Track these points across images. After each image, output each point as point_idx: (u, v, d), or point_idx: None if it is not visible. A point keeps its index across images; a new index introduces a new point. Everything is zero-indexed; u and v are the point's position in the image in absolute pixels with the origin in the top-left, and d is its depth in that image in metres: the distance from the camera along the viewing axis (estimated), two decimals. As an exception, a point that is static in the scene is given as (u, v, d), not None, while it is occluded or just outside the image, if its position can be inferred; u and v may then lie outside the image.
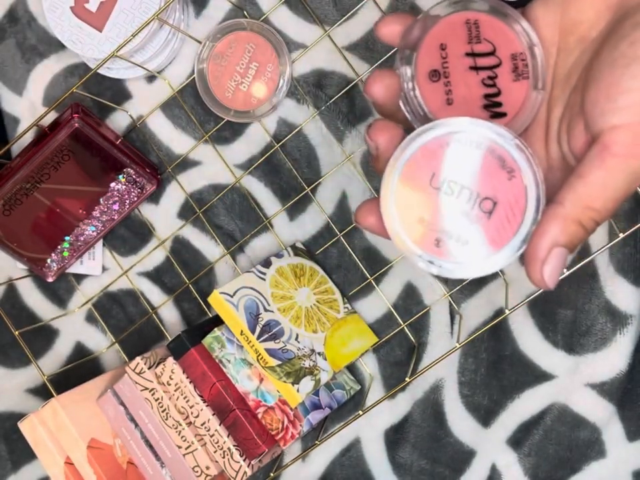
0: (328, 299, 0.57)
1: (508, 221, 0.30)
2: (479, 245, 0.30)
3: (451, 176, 0.31)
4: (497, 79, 0.32)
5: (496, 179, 0.30)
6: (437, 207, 0.31)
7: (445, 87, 0.33)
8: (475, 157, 0.30)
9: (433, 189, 0.31)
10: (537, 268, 0.29)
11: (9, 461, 0.65)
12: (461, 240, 0.31)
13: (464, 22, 0.32)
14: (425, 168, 0.31)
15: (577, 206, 0.29)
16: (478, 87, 0.32)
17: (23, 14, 0.61)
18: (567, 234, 0.29)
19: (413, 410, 0.58)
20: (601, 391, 0.54)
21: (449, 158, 0.30)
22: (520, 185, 0.30)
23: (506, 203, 0.30)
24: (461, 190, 0.30)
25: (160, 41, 0.56)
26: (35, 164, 0.56)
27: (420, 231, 0.31)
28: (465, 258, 0.31)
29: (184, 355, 0.52)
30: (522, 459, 0.56)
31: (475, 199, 0.30)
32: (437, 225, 0.31)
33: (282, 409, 0.52)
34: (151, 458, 0.54)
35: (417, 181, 0.31)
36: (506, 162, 0.30)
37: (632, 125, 0.28)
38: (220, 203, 0.60)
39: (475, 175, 0.30)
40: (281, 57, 0.56)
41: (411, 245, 0.31)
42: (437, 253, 0.31)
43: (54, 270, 0.61)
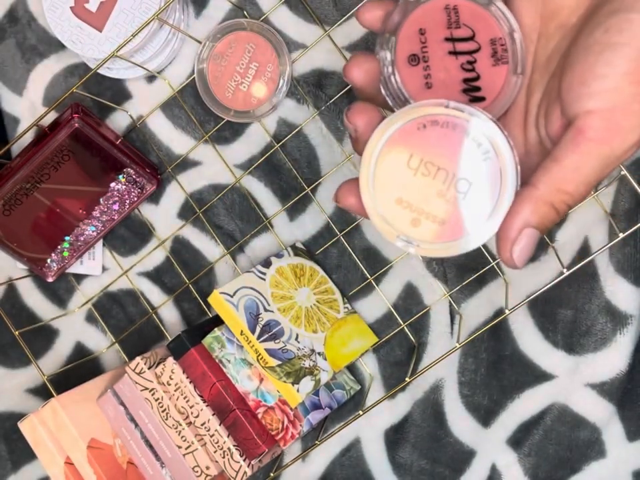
0: (328, 299, 0.57)
1: (482, 202, 0.31)
2: (455, 225, 0.31)
3: (427, 157, 0.31)
4: (475, 63, 0.33)
5: (472, 160, 0.31)
6: (414, 188, 0.31)
7: (424, 71, 0.33)
8: (451, 138, 0.31)
9: (410, 170, 0.31)
10: (507, 247, 0.30)
11: (9, 461, 0.65)
12: (437, 220, 0.31)
13: (443, 7, 0.33)
14: (403, 149, 0.31)
15: (549, 188, 0.29)
16: (457, 71, 0.33)
17: (23, 14, 0.61)
18: (538, 215, 0.30)
19: (413, 410, 0.58)
20: (601, 390, 0.54)
21: (426, 139, 0.31)
22: (495, 166, 0.30)
23: (481, 184, 0.31)
24: (437, 171, 0.31)
25: (160, 41, 0.56)
26: (35, 164, 0.56)
27: (398, 211, 0.31)
28: (444, 238, 0.31)
29: (184, 355, 0.52)
30: (522, 459, 0.56)
31: (451, 179, 0.31)
32: (414, 205, 0.31)
33: (282, 409, 0.52)
34: (151, 458, 0.54)
35: (395, 162, 0.31)
36: (481, 144, 0.31)
37: (605, 110, 0.28)
38: (220, 203, 0.60)
39: (450, 156, 0.31)
40: (280, 56, 0.56)
41: (389, 225, 0.32)
42: (414, 233, 0.31)
43: (54, 270, 0.61)
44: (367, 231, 0.58)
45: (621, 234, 0.48)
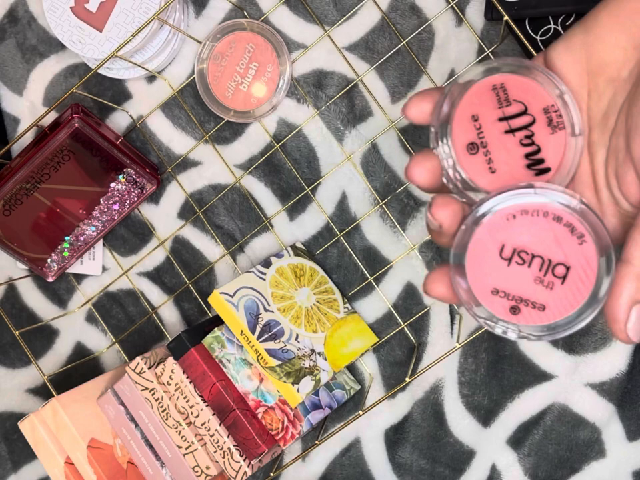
0: (328, 299, 0.57)
1: (582, 282, 0.31)
2: (556, 310, 0.31)
3: (520, 246, 0.31)
4: (534, 136, 0.32)
5: (566, 245, 0.31)
6: (510, 277, 0.31)
7: (484, 156, 0.32)
8: (542, 224, 0.31)
9: (504, 260, 0.31)
10: (622, 328, 0.30)
11: (9, 461, 0.65)
12: (537, 306, 0.31)
13: (490, 88, 0.32)
14: (493, 240, 0.31)
15: None
16: (517, 148, 0.32)
17: (23, 14, 0.61)
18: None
19: (413, 410, 0.58)
20: (600, 390, 0.54)
21: (517, 228, 0.31)
22: (591, 248, 0.30)
23: (578, 267, 0.31)
24: (532, 259, 0.31)
25: (160, 41, 0.56)
26: (35, 164, 0.56)
27: (495, 300, 0.31)
28: (544, 321, 0.31)
29: (184, 355, 0.52)
30: (522, 459, 0.56)
31: (548, 265, 0.31)
32: (511, 294, 0.31)
33: (282, 409, 0.52)
34: (151, 458, 0.54)
35: (487, 254, 0.31)
36: (575, 228, 0.30)
37: None
38: (220, 203, 0.60)
39: (544, 243, 0.31)
40: (280, 56, 0.56)
41: (488, 314, 0.31)
42: (514, 320, 0.31)
43: (54, 270, 0.61)
44: (367, 231, 0.58)
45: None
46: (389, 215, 0.57)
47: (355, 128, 0.57)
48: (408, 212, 0.57)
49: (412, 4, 0.56)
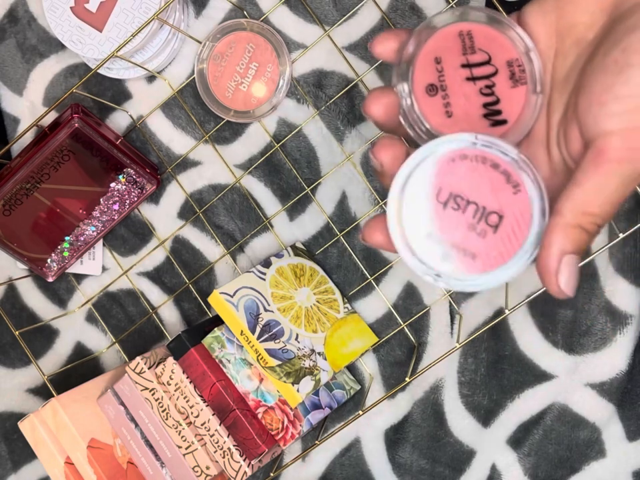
0: (328, 299, 0.57)
1: (514, 234, 0.31)
2: (487, 258, 0.31)
3: (456, 191, 0.31)
4: (494, 87, 0.32)
5: (501, 194, 0.31)
6: (444, 222, 0.31)
7: (443, 100, 0.33)
8: (480, 171, 0.31)
9: (440, 204, 0.31)
10: (553, 280, 0.30)
11: (9, 461, 0.65)
12: (468, 254, 0.31)
13: (457, 33, 0.33)
14: (431, 184, 0.31)
15: (576, 213, 0.29)
16: (476, 97, 0.33)
17: (23, 14, 0.61)
18: (572, 241, 0.29)
19: (413, 410, 0.58)
20: (600, 390, 0.55)
21: (454, 173, 0.31)
22: (525, 199, 0.30)
23: (512, 217, 0.31)
24: (467, 205, 0.31)
25: (160, 41, 0.56)
26: (35, 164, 0.56)
27: (428, 245, 0.31)
28: (475, 272, 0.31)
29: (184, 355, 0.52)
30: (522, 459, 0.56)
31: (482, 213, 0.31)
32: (444, 240, 0.31)
33: (282, 409, 0.52)
34: (151, 458, 0.54)
35: (424, 197, 0.31)
36: (511, 176, 0.31)
37: (624, 130, 0.28)
38: (220, 203, 0.60)
39: (480, 189, 0.31)
40: (280, 57, 0.56)
41: (419, 260, 0.31)
42: (445, 268, 0.31)
43: (54, 270, 0.61)
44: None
45: (621, 234, 0.48)
46: (389, 215, 0.57)
47: (355, 128, 0.57)
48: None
49: (412, 4, 0.56)
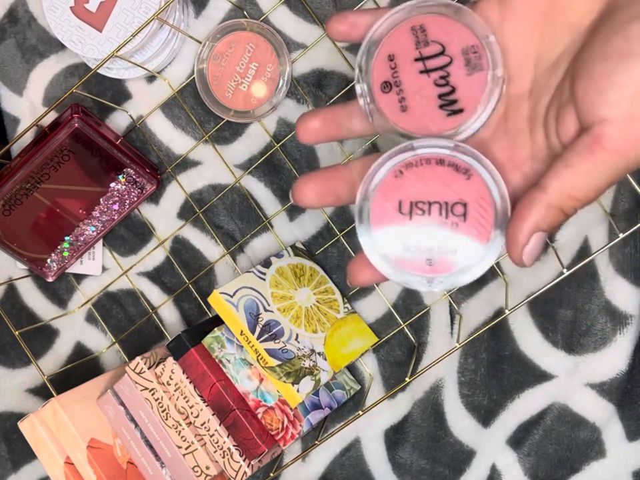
0: (328, 299, 0.57)
1: (482, 216, 0.31)
2: (468, 247, 0.31)
3: (415, 198, 0.32)
4: (449, 77, 0.33)
5: (456, 184, 0.32)
6: (415, 231, 0.32)
7: (397, 95, 0.34)
8: (428, 172, 0.32)
9: (405, 216, 0.32)
10: (518, 251, 0.30)
11: (9, 461, 0.65)
12: (449, 250, 0.32)
13: (409, 29, 0.33)
14: (389, 202, 0.32)
15: (560, 194, 0.29)
16: (431, 89, 0.33)
17: (23, 14, 0.61)
18: (548, 220, 0.30)
19: (413, 410, 0.58)
20: (600, 390, 0.54)
21: (407, 183, 0.32)
22: (479, 180, 0.31)
23: (474, 201, 0.31)
24: (429, 206, 0.32)
25: (160, 41, 0.56)
26: (35, 164, 0.56)
27: (409, 257, 0.32)
28: (461, 264, 0.32)
29: (184, 355, 0.52)
30: (522, 459, 0.56)
31: (446, 208, 0.32)
32: (422, 246, 0.32)
33: (282, 409, 0.52)
34: (151, 458, 0.54)
35: (387, 216, 0.32)
36: (458, 166, 0.31)
37: (623, 119, 0.28)
38: (220, 203, 0.60)
39: (435, 187, 0.32)
40: (280, 56, 0.56)
41: (408, 275, 0.32)
42: (433, 272, 0.32)
43: (54, 270, 0.61)
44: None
45: (621, 234, 0.48)
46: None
47: (355, 128, 0.57)
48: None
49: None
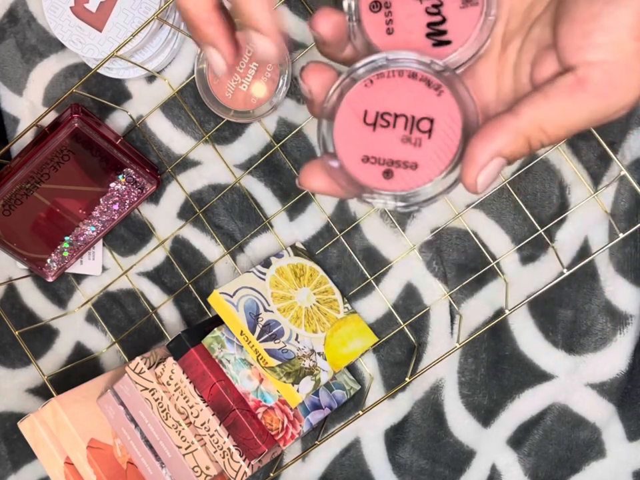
0: (328, 299, 0.57)
1: (448, 136, 0.30)
2: (429, 164, 0.30)
3: (382, 108, 0.30)
4: (442, 6, 0.32)
5: (426, 99, 0.30)
6: (377, 142, 0.30)
7: (385, 17, 0.32)
8: (400, 84, 0.30)
9: (369, 126, 0.31)
10: (474, 172, 0.29)
11: (9, 461, 0.65)
12: (409, 165, 0.30)
13: None
14: (355, 109, 0.31)
15: (532, 123, 0.28)
16: (421, 16, 0.32)
17: (22, 14, 0.61)
18: (512, 147, 0.29)
19: (413, 410, 0.58)
20: (601, 390, 0.54)
21: (376, 92, 0.31)
22: (449, 98, 0.30)
23: (441, 119, 0.30)
24: (395, 119, 0.30)
25: (160, 40, 0.56)
26: (35, 164, 0.56)
27: (367, 168, 0.31)
28: (419, 182, 0.30)
29: (184, 355, 0.52)
30: (522, 459, 0.56)
31: (412, 122, 0.30)
32: (382, 158, 0.30)
33: (282, 409, 0.52)
34: (150, 458, 0.54)
35: (351, 124, 0.31)
36: (431, 81, 0.30)
37: (607, 63, 0.28)
38: (220, 203, 0.60)
39: (404, 100, 0.30)
40: (280, 56, 0.56)
41: (363, 185, 0.31)
42: (390, 186, 0.30)
43: (54, 270, 0.61)
44: (367, 231, 0.58)
45: (621, 234, 0.48)
46: (389, 215, 0.57)
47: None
48: (408, 212, 0.57)
49: None
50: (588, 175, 0.54)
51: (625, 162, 0.53)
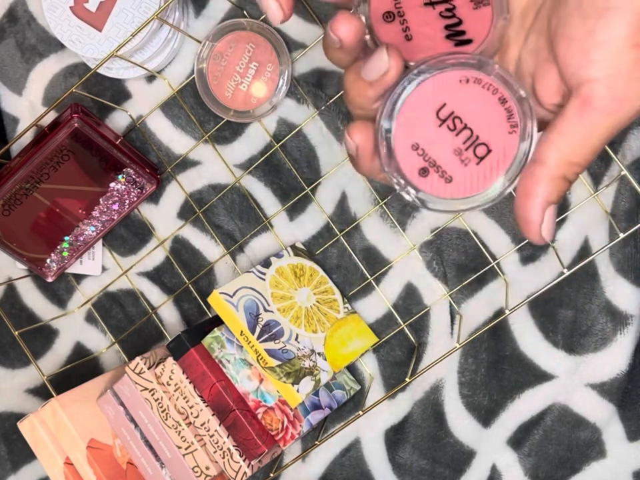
0: (328, 299, 0.57)
1: (492, 171, 0.30)
2: (462, 185, 0.30)
3: (458, 112, 0.30)
4: (455, 10, 0.32)
5: (498, 129, 0.30)
6: (435, 138, 0.31)
7: (401, 25, 0.32)
8: (487, 101, 0.30)
9: (438, 120, 0.31)
10: (536, 230, 0.30)
11: (9, 461, 0.65)
12: (445, 176, 0.31)
13: None
14: (438, 93, 0.30)
15: (561, 164, 0.29)
16: (437, 21, 0.32)
17: (22, 14, 0.61)
18: (556, 191, 0.30)
19: (413, 410, 0.58)
20: (601, 391, 0.54)
21: (462, 94, 0.30)
22: (515, 141, 0.30)
23: (498, 154, 0.30)
24: (463, 129, 0.30)
25: (159, 40, 0.56)
26: (35, 164, 0.56)
27: (410, 155, 0.31)
28: (444, 194, 0.31)
29: (184, 355, 0.52)
30: (522, 459, 0.56)
31: (473, 141, 0.30)
32: (428, 155, 0.31)
33: (282, 409, 0.52)
34: (150, 458, 0.54)
35: (426, 104, 0.30)
36: (512, 116, 0.30)
37: (609, 77, 0.28)
38: (220, 203, 0.60)
39: (481, 118, 0.30)
40: (281, 56, 0.56)
41: (396, 169, 0.31)
42: (417, 182, 0.31)
43: (54, 270, 0.61)
44: (367, 231, 0.58)
45: (621, 234, 0.48)
46: (389, 215, 0.57)
47: (355, 128, 0.57)
48: (408, 212, 0.57)
49: None
50: (588, 174, 0.54)
51: (626, 162, 0.53)
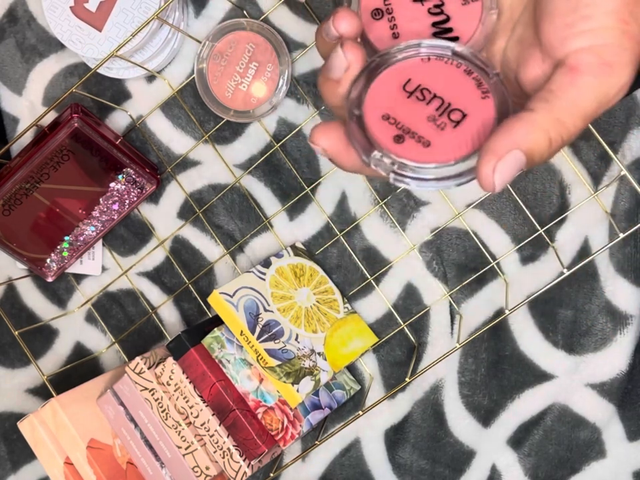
0: (328, 299, 0.57)
1: (471, 135, 0.30)
2: (440, 150, 0.30)
3: (425, 84, 0.31)
4: (443, 6, 0.32)
5: (470, 96, 0.30)
6: (405, 108, 0.31)
7: (389, 22, 0.33)
8: (453, 73, 0.31)
9: (405, 92, 0.31)
10: (492, 162, 0.27)
11: (9, 461, 0.65)
12: (422, 140, 0.30)
13: None
14: (401, 74, 0.31)
15: (548, 116, 0.28)
16: (425, 18, 0.33)
17: (22, 14, 0.61)
18: (531, 139, 0.28)
19: (413, 410, 0.58)
20: (601, 391, 0.54)
21: (427, 69, 0.31)
22: (491, 107, 0.30)
23: (475, 119, 0.30)
24: (432, 98, 0.31)
25: (159, 40, 0.56)
26: (35, 164, 0.56)
27: (383, 126, 0.31)
28: (424, 159, 0.30)
29: (184, 355, 0.52)
30: (522, 459, 0.56)
31: (446, 107, 0.31)
32: (401, 122, 0.31)
33: (282, 409, 0.52)
34: (150, 458, 0.54)
35: (391, 84, 0.31)
36: (482, 84, 0.31)
37: (596, 46, 0.27)
38: (220, 203, 0.60)
39: (449, 87, 0.31)
40: (281, 56, 0.56)
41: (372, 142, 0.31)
42: (395, 149, 0.30)
43: (54, 270, 0.61)
44: (367, 231, 0.58)
45: (621, 234, 0.48)
46: (389, 215, 0.57)
47: (355, 128, 0.57)
48: (408, 212, 0.57)
49: None
50: (588, 174, 0.54)
51: (625, 162, 0.53)
